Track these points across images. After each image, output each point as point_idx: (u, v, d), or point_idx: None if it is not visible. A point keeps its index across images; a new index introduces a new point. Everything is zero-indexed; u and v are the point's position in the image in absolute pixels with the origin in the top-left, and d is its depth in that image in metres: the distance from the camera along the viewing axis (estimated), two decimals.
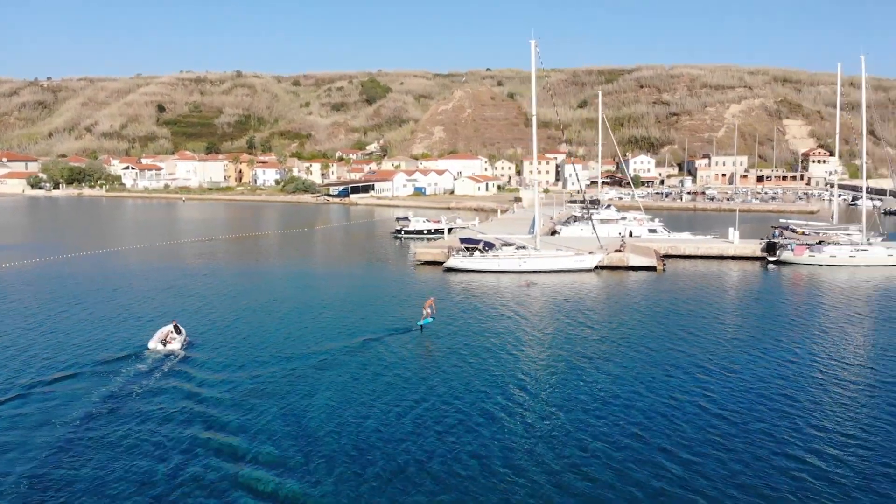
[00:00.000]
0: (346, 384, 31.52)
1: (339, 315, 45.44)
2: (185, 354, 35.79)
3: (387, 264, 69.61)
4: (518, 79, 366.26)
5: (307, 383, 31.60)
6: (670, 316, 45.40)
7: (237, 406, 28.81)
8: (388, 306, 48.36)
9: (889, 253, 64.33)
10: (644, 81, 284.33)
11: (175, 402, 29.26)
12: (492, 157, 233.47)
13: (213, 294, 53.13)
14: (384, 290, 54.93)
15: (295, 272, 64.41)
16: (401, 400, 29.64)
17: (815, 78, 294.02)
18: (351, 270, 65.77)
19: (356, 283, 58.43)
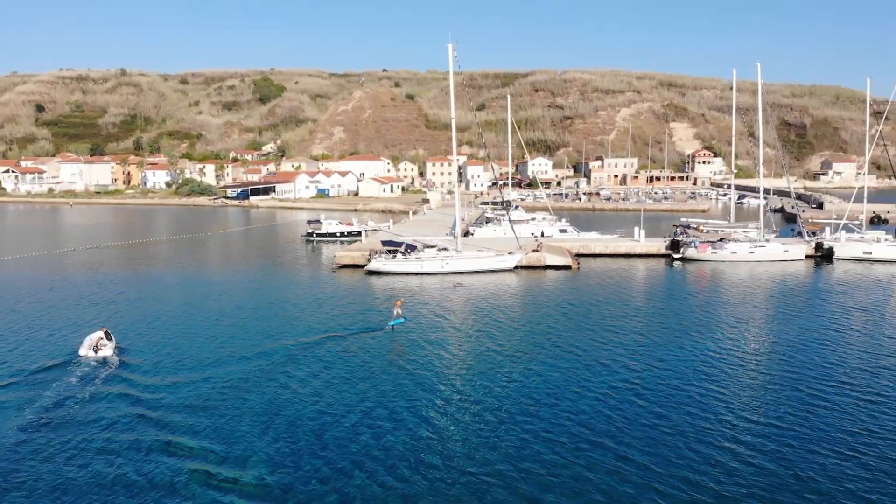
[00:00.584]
0: (283, 385, 31.48)
1: (264, 319, 44.88)
2: (122, 360, 35.33)
3: (303, 268, 68.35)
4: (415, 80, 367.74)
5: (249, 384, 31.54)
6: (591, 313, 46.92)
7: (189, 409, 28.77)
8: (313, 310, 47.82)
9: (785, 249, 68.97)
10: (539, 86, 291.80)
11: (124, 407, 29.00)
12: (394, 158, 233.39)
13: (125, 301, 50.97)
14: (305, 294, 54.01)
15: (208, 278, 62.33)
16: (336, 401, 29.73)
17: (698, 83, 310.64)
18: (266, 275, 64.19)
19: (274, 287, 57.15)
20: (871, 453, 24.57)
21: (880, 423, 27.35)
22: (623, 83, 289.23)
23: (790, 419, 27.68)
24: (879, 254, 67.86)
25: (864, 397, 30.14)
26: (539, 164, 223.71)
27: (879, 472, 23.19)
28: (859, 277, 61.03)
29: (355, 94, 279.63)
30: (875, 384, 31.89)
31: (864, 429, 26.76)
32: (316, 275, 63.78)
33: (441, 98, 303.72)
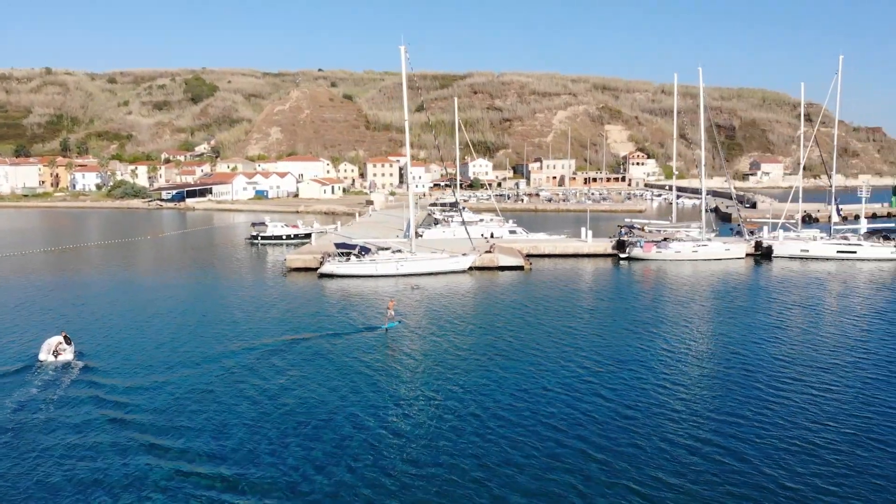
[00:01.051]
0: (248, 386, 31.51)
1: (217, 324, 44.32)
2: (85, 364, 35.24)
3: (251, 272, 67.08)
4: (352, 80, 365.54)
5: (213, 386, 31.79)
6: (547, 313, 47.56)
7: (157, 410, 28.96)
8: (267, 315, 47.25)
9: (726, 248, 71.35)
10: (477, 88, 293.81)
11: (95, 409, 29.08)
12: (334, 159, 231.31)
13: (72, 307, 49.29)
14: (257, 298, 53.06)
15: (154, 282, 60.59)
16: (298, 402, 29.98)
17: (631, 86, 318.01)
18: (213, 279, 62.65)
19: (223, 292, 55.91)
20: (829, 446, 25.65)
21: (834, 415, 28.59)
22: (559, 86, 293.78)
23: (749, 414, 28.62)
24: (816, 252, 70.86)
25: (817, 391, 31.43)
26: (480, 166, 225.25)
27: (838, 464, 24.26)
28: (798, 274, 63.58)
29: (292, 94, 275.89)
30: (826, 378, 33.30)
31: (819, 421, 27.92)
32: (265, 279, 62.67)
33: (380, 99, 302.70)
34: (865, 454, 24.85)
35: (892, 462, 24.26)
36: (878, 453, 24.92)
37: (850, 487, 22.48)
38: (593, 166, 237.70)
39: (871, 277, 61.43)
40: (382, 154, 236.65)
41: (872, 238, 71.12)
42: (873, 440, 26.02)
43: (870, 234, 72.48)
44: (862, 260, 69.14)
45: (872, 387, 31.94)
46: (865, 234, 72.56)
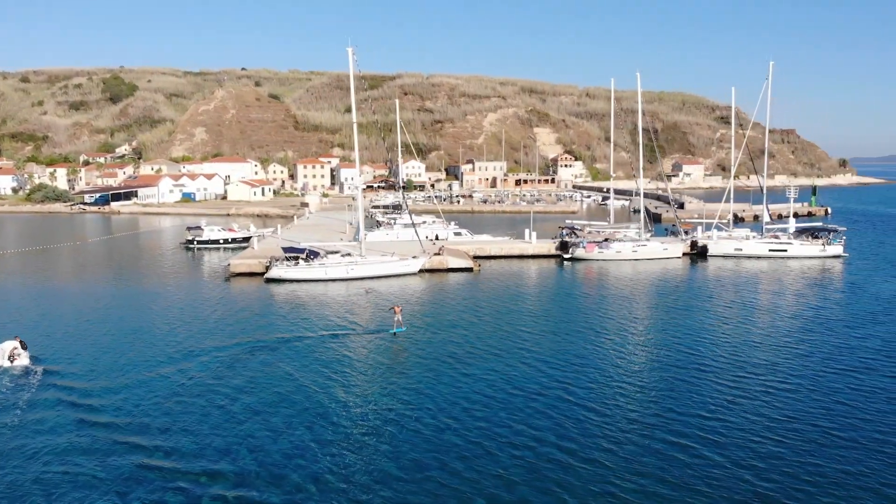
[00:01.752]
0: (208, 388, 31.19)
1: (166, 330, 43.51)
2: (43, 368, 35.24)
3: (191, 278, 65.08)
4: (277, 79, 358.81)
5: (171, 389, 31.72)
6: (500, 314, 48.07)
7: (126, 412, 29.35)
8: (214, 320, 46.32)
9: (664, 247, 73.56)
10: (407, 89, 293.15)
11: (62, 411, 29.64)
12: (263, 160, 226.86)
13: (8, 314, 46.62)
14: (200, 304, 51.76)
15: (92, 289, 58.15)
16: (261, 405, 30.14)
17: (557, 89, 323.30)
18: (154, 286, 60.46)
19: (165, 298, 54.16)
20: (792, 437, 26.83)
21: (792, 408, 29.91)
22: (488, 89, 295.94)
23: (711, 408, 29.70)
24: (749, 250, 73.82)
25: (770, 385, 32.82)
26: (413, 167, 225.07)
27: (804, 454, 25.41)
28: (733, 273, 66.07)
29: (217, 94, 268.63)
30: (776, 373, 34.80)
31: (782, 415, 29.18)
32: (207, 284, 60.90)
33: (308, 99, 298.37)
34: (818, 445, 26.09)
35: (845, 451, 25.52)
36: (830, 443, 26.19)
37: (805, 478, 23.55)
38: (524, 168, 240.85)
39: (802, 274, 64.39)
40: (313, 155, 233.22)
41: (802, 237, 74.59)
42: (822, 429, 27.33)
43: (799, 232, 75.97)
44: (792, 258, 72.42)
45: (815, 379, 33.57)
46: (795, 232, 76.02)
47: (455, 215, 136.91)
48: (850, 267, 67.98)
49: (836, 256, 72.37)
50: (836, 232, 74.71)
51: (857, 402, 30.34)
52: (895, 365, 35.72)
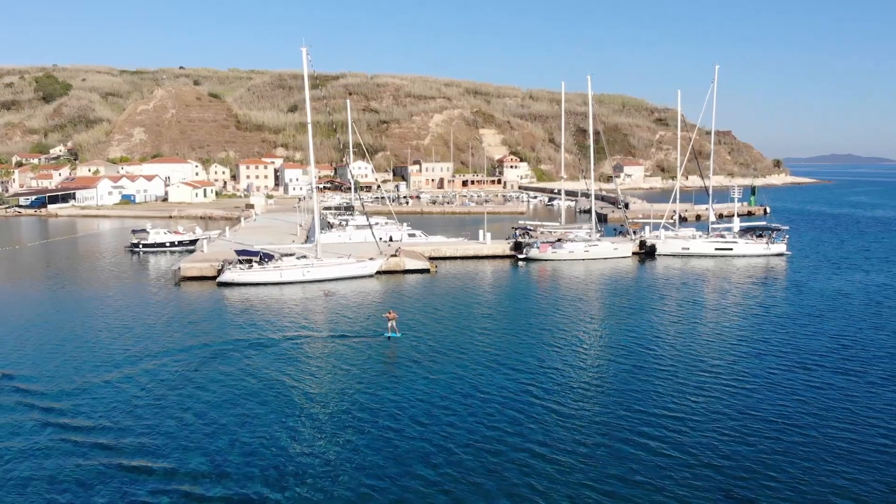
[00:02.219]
0: (168, 391, 30.35)
1: (117, 336, 42.19)
2: (2, 373, 34.70)
3: (140, 282, 63.18)
4: (216, 78, 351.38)
5: (129, 396, 30.47)
6: (459, 315, 48.16)
7: (83, 415, 28.80)
8: (166, 325, 45.17)
9: (615, 247, 74.88)
10: (352, 89, 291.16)
11: (27, 415, 29.50)
12: (204, 160, 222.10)
13: None
14: (151, 309, 50.39)
15: (36, 295, 55.93)
16: (218, 410, 29.86)
17: (501, 91, 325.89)
18: (100, 291, 58.45)
19: (114, 304, 52.50)
20: (754, 433, 27.60)
21: (751, 404, 30.77)
22: (433, 89, 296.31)
23: (673, 406, 30.28)
24: (696, 249, 75.72)
25: (727, 382, 33.70)
26: (359, 168, 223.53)
27: (767, 450, 26.19)
28: (681, 271, 67.62)
29: (156, 93, 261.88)
30: (733, 370, 35.77)
31: (743, 412, 29.98)
32: (157, 289, 59.20)
33: (249, 98, 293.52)
34: (779, 440, 26.92)
35: (804, 447, 26.41)
36: (791, 437, 27.07)
37: (771, 473, 24.29)
38: (470, 169, 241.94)
39: (747, 273, 66.32)
40: (255, 155, 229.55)
41: (746, 236, 76.86)
42: (781, 424, 28.22)
43: (744, 231, 78.25)
44: (737, 256, 74.58)
45: (770, 375, 34.65)
46: (739, 231, 78.27)
47: (405, 216, 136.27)
48: (793, 265, 70.34)
49: (780, 255, 74.81)
50: (779, 231, 77.25)
51: (813, 397, 31.35)
52: (845, 361, 37.06)
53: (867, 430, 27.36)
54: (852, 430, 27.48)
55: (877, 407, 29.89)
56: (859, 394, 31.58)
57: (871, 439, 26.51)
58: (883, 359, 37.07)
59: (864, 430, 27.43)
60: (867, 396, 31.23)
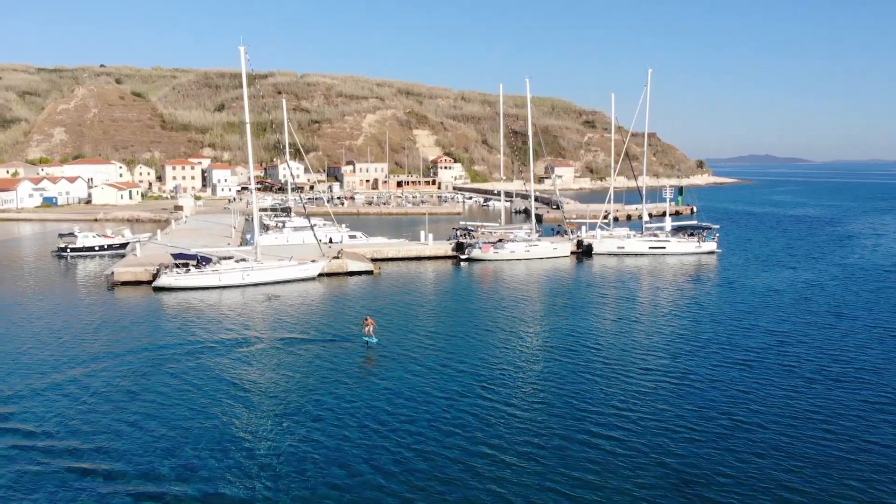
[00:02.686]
0: (113, 398, 29.19)
1: (50, 345, 40.41)
2: None
3: (70, 288, 60.51)
4: (139, 77, 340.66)
5: (63, 404, 28.61)
6: (406, 316, 48.08)
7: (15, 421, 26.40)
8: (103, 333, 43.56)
9: (554, 247, 76.00)
10: (281, 88, 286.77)
11: None
12: (129, 161, 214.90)
13: None
14: (85, 316, 48.45)
15: None
16: (159, 415, 29.14)
17: (433, 91, 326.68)
18: (27, 298, 55.58)
19: (44, 311, 50.10)
20: (703, 426, 28.46)
21: (697, 398, 31.72)
22: (365, 89, 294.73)
23: (622, 400, 31.01)
24: (631, 248, 77.56)
25: (673, 377, 34.69)
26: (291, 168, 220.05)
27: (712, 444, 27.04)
28: (617, 269, 69.15)
29: (77, 92, 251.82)
30: (677, 366, 36.79)
31: (690, 406, 30.87)
32: (89, 295, 56.79)
33: (174, 97, 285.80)
34: (727, 432, 27.86)
35: (751, 441, 27.38)
36: (739, 429, 28.03)
37: (724, 468, 25.11)
38: (404, 170, 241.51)
39: (681, 270, 68.27)
40: (182, 156, 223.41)
41: (679, 234, 79.19)
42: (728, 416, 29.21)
43: (676, 230, 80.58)
44: (670, 254, 76.76)
45: (712, 370, 35.77)
46: (672, 230, 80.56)
47: (341, 217, 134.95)
48: (724, 262, 72.79)
49: (710, 253, 77.36)
50: (709, 230, 79.90)
51: (755, 392, 32.32)
52: (782, 357, 38.53)
53: (806, 424, 28.47)
54: (793, 423, 28.55)
55: (815, 401, 31.12)
56: (798, 388, 32.86)
57: (811, 432, 27.62)
58: (817, 354, 38.67)
59: (804, 423, 28.55)
60: (805, 391, 32.53)
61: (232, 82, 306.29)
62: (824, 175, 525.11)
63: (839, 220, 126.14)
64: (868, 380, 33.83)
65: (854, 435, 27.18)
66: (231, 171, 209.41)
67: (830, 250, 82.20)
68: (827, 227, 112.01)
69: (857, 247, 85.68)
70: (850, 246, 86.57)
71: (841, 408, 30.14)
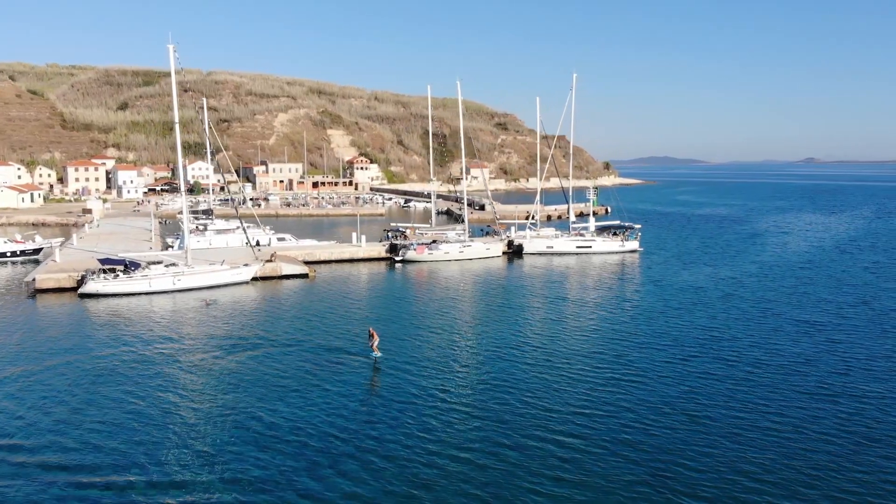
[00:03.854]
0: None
1: None
2: None
3: None
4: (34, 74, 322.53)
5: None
6: (346, 319, 47.51)
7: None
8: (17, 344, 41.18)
9: (487, 247, 76.89)
10: (186, 86, 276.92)
11: None
12: (29, 162, 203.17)
13: None
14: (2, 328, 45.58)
15: None
16: (93, 426, 27.50)
17: (346, 91, 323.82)
18: None
19: None
20: (654, 423, 29.52)
21: (647, 395, 32.88)
22: (276, 88, 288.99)
23: (573, 401, 31.53)
24: (559, 248, 79.41)
25: (620, 375, 35.80)
26: (200, 169, 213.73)
27: (663, 436, 28.16)
28: (547, 269, 70.69)
29: None
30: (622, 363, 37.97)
31: (641, 403, 31.96)
32: (5, 303, 53.28)
33: (73, 95, 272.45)
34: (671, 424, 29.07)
35: (706, 435, 28.67)
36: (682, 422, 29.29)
37: (684, 461, 26.22)
38: (319, 170, 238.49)
39: (608, 269, 70.36)
40: (84, 156, 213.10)
41: (604, 234, 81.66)
42: (680, 411, 30.47)
43: (600, 230, 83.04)
44: (596, 253, 79.05)
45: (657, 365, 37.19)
46: (597, 230, 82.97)
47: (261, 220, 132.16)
48: (646, 261, 75.50)
49: (633, 251, 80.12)
50: (632, 229, 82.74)
51: (699, 385, 33.65)
52: (719, 350, 40.28)
53: (749, 414, 29.80)
54: (737, 413, 29.83)
55: (756, 391, 32.63)
56: (738, 379, 34.38)
57: (756, 422, 28.99)
58: (752, 346, 40.67)
59: (748, 413, 29.86)
60: (745, 381, 34.09)
61: (134, 80, 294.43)
62: (722, 175, 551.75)
63: (745, 219, 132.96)
64: (804, 371, 35.82)
65: (799, 425, 28.69)
66: (137, 173, 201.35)
67: (743, 248, 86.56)
68: (735, 226, 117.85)
69: (768, 244, 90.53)
70: (761, 244, 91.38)
71: (782, 398, 31.76)
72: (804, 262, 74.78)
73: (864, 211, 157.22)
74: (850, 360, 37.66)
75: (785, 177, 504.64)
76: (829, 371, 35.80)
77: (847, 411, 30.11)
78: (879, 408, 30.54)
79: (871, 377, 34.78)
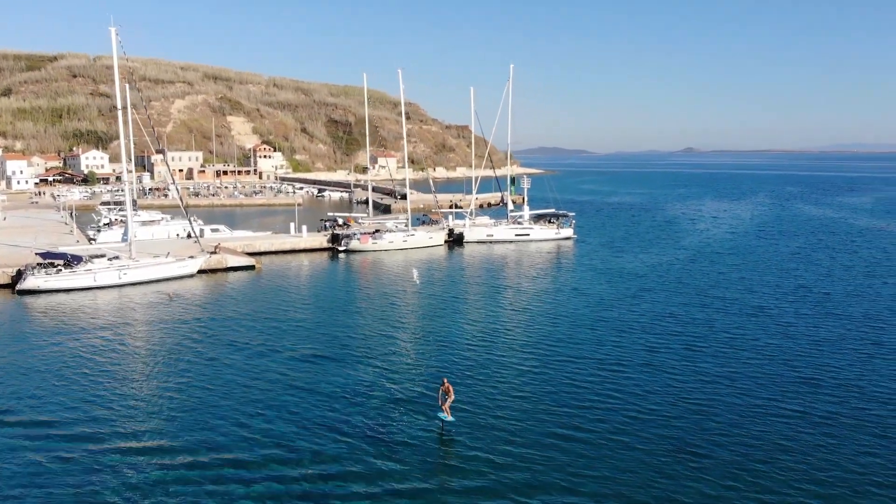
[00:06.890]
0: None
1: None
2: None
3: None
4: None
5: None
6: (297, 311, 46.45)
7: None
8: None
9: (430, 236, 77.06)
10: (76, 71, 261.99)
11: None
12: None
13: None
14: None
15: None
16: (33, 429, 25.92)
17: (243, 77, 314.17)
18: None
19: None
20: (622, 408, 30.48)
21: (620, 382, 33.68)
22: (169, 73, 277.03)
23: (534, 385, 31.51)
24: (499, 236, 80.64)
25: (586, 367, 36.45)
26: (94, 158, 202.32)
27: (634, 421, 29.22)
28: (487, 256, 71.86)
29: None
30: (583, 352, 38.76)
31: (605, 390, 32.80)
32: None
33: None
34: (648, 407, 30.28)
35: (674, 421, 29.94)
36: (658, 412, 30.54)
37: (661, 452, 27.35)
38: (220, 158, 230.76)
39: (545, 256, 71.98)
40: None
41: (540, 222, 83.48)
42: (641, 397, 31.56)
43: (536, 218, 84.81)
44: (533, 241, 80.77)
45: (624, 352, 38.08)
46: (533, 218, 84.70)
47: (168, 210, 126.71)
48: (581, 248, 77.70)
49: (568, 238, 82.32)
50: (566, 217, 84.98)
51: (669, 369, 33.99)
52: (678, 336, 41.23)
53: (728, 397, 30.85)
54: (710, 397, 30.30)
55: (724, 373, 33.34)
56: (706, 361, 35.15)
57: (732, 401, 30.29)
58: (714, 331, 41.19)
59: (725, 396, 30.65)
60: (713, 362, 34.99)
61: (17, 65, 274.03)
62: (611, 165, 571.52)
63: (655, 207, 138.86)
64: (768, 353, 36.70)
65: (768, 405, 29.33)
66: (27, 162, 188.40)
67: (665, 235, 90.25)
68: (648, 214, 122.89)
69: (686, 231, 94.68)
70: (681, 230, 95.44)
71: (748, 379, 32.40)
72: (728, 248, 77.51)
73: (760, 198, 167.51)
74: (800, 340, 39.07)
75: (675, 165, 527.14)
76: (785, 353, 36.61)
77: (801, 391, 31.01)
78: (832, 389, 31.50)
79: (820, 359, 35.81)
